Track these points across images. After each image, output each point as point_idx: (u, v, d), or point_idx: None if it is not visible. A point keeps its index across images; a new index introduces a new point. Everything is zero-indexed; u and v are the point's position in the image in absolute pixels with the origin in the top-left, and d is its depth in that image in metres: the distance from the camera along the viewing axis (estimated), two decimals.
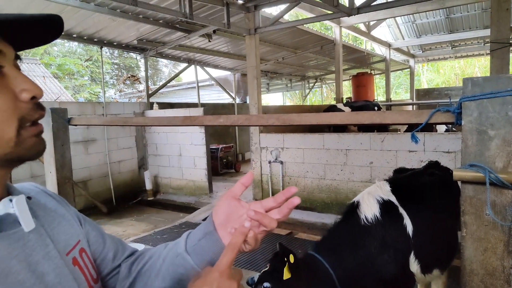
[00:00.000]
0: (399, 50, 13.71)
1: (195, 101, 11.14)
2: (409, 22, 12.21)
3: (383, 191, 2.20)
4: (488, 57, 14.91)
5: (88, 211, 6.42)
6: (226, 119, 1.99)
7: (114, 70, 19.86)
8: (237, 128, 11.62)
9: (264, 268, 1.85)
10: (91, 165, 7.17)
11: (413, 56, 15.11)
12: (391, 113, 1.46)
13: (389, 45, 12.74)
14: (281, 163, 6.20)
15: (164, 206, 7.41)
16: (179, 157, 7.72)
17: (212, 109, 10.72)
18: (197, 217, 6.15)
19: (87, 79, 18.11)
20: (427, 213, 2.22)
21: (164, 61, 21.32)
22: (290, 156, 6.13)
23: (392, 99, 14.33)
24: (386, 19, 10.87)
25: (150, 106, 8.37)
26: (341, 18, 7.86)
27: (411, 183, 2.49)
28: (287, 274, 1.73)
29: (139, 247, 0.90)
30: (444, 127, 7.48)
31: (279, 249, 1.83)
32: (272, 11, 9.37)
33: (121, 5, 5.27)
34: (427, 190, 2.39)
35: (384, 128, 7.65)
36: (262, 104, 6.72)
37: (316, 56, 11.17)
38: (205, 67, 10.57)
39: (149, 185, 7.83)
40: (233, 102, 11.85)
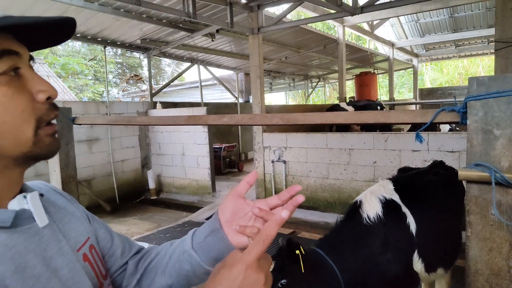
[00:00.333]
0: (402, 49, 13.67)
1: (198, 100, 11.15)
2: (413, 21, 12.17)
3: (386, 190, 2.20)
4: (492, 57, 14.84)
5: (91, 210, 6.30)
6: (230, 119, 1.99)
7: (117, 69, 19.92)
8: (240, 127, 11.62)
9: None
10: (94, 164, 7.19)
11: (416, 55, 15.05)
12: (395, 113, 1.46)
13: (392, 45, 12.70)
14: (284, 162, 6.20)
15: (167, 205, 7.43)
16: (182, 156, 7.73)
17: (215, 109, 10.72)
18: (200, 216, 6.16)
19: (90, 78, 18.17)
20: (430, 212, 2.22)
21: (166, 61, 21.36)
22: (293, 155, 6.13)
23: (395, 99, 14.28)
24: (389, 18, 10.84)
25: (153, 105, 8.39)
26: (345, 17, 7.84)
27: (415, 182, 2.49)
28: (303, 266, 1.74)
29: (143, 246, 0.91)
30: (447, 127, 7.44)
31: (286, 244, 1.82)
32: (275, 11, 9.36)
33: (124, 4, 5.28)
34: (431, 189, 2.38)
35: (387, 127, 7.63)
36: (265, 103, 6.72)
37: (319, 55, 11.16)
38: (208, 67, 10.58)
39: (152, 184, 7.85)
40: (236, 101, 11.86)
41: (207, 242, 0.74)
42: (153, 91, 8.85)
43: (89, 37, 7.15)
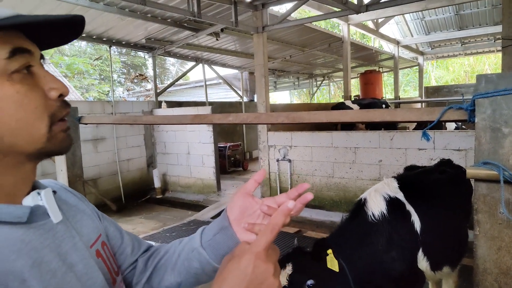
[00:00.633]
0: (407, 47, 13.58)
1: (203, 99, 11.16)
2: (418, 19, 12.08)
3: (390, 188, 2.20)
4: (498, 54, 14.73)
5: (98, 209, 6.47)
6: (235, 117, 1.99)
7: (121, 68, 20.00)
8: (244, 126, 11.62)
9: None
10: (100, 163, 7.23)
11: (422, 53, 14.95)
12: (402, 111, 1.46)
13: (397, 43, 12.63)
14: (289, 161, 6.19)
15: (172, 204, 7.45)
16: (187, 155, 7.75)
17: (219, 108, 10.74)
18: (205, 215, 6.17)
19: (95, 78, 18.25)
20: (435, 210, 2.21)
21: (171, 60, 21.42)
22: (298, 154, 6.12)
23: (400, 97, 14.20)
24: (394, 16, 10.78)
25: (158, 104, 8.41)
26: (349, 15, 7.81)
27: (420, 180, 2.47)
28: (336, 266, 1.74)
29: None
30: (453, 125, 7.39)
31: (315, 244, 1.84)
32: (279, 9, 9.34)
33: (129, 4, 5.30)
34: (436, 187, 2.37)
35: (392, 126, 7.60)
36: (269, 102, 6.72)
37: (323, 54, 11.12)
38: (212, 66, 10.58)
39: (157, 183, 7.88)
40: (241, 100, 11.86)
41: (216, 240, 0.74)
42: (158, 91, 8.88)
43: (94, 37, 7.19)
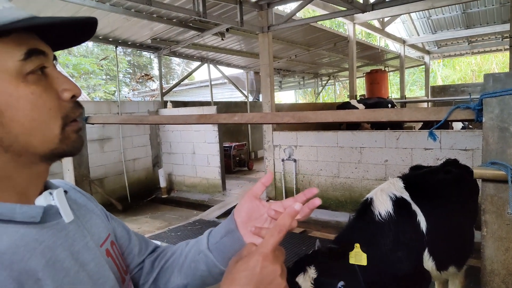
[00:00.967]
0: (413, 46, 13.49)
1: (208, 99, 11.19)
2: (424, 17, 12.01)
3: (396, 187, 2.19)
4: (506, 53, 14.58)
5: None
6: (241, 117, 2.00)
7: (127, 68, 20.10)
8: (249, 126, 11.63)
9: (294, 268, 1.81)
10: (106, 163, 7.28)
11: (428, 52, 14.85)
12: (409, 110, 1.45)
13: (403, 42, 12.55)
14: (295, 161, 6.18)
15: (178, 203, 7.48)
16: (192, 155, 7.77)
17: (225, 108, 10.75)
18: (210, 214, 6.18)
19: (101, 78, 18.37)
20: (441, 210, 2.20)
21: (176, 60, 21.48)
22: (303, 154, 6.11)
23: (406, 96, 14.12)
24: (400, 15, 10.72)
25: (164, 104, 8.44)
26: (355, 14, 7.78)
27: (425, 180, 2.46)
28: (364, 260, 1.79)
29: None
30: (460, 125, 7.33)
31: (337, 243, 1.88)
32: (284, 9, 9.30)
33: (135, 4, 5.32)
34: (442, 187, 2.35)
35: (398, 125, 7.56)
36: (275, 102, 6.71)
37: (329, 53, 11.10)
38: (218, 66, 10.60)
39: (163, 183, 7.92)
40: (246, 100, 11.87)
41: (223, 242, 0.74)
42: (164, 91, 8.92)
43: (100, 37, 7.23)
